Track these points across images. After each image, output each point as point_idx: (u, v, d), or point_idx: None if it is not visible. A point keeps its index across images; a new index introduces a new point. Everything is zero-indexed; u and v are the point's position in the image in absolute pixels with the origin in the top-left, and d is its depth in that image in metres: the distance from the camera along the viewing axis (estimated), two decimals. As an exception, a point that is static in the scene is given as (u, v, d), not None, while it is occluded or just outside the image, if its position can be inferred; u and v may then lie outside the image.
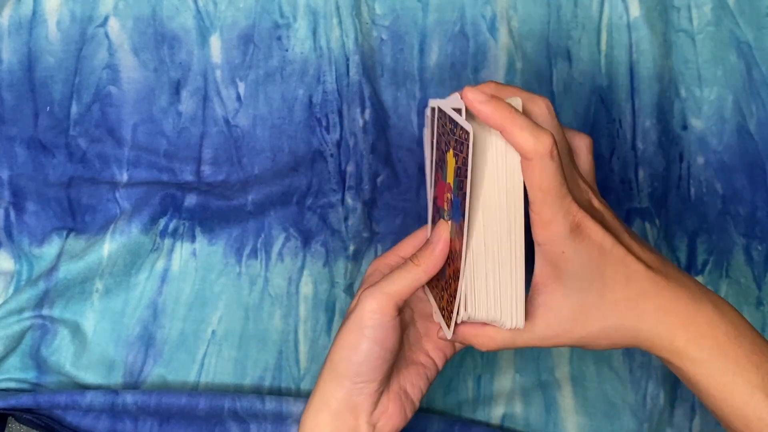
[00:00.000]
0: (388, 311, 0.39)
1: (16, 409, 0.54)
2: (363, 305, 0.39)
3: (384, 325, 0.39)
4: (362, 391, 0.40)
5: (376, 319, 0.39)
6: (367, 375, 0.39)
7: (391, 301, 0.39)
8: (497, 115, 0.37)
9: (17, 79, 0.62)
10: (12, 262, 0.59)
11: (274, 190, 0.59)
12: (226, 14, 0.62)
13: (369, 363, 0.39)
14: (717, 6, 0.62)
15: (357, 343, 0.39)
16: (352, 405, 0.40)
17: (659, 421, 0.55)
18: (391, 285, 0.40)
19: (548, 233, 0.37)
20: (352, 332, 0.39)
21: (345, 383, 0.39)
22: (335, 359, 0.40)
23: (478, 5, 0.62)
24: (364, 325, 0.39)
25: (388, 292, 0.39)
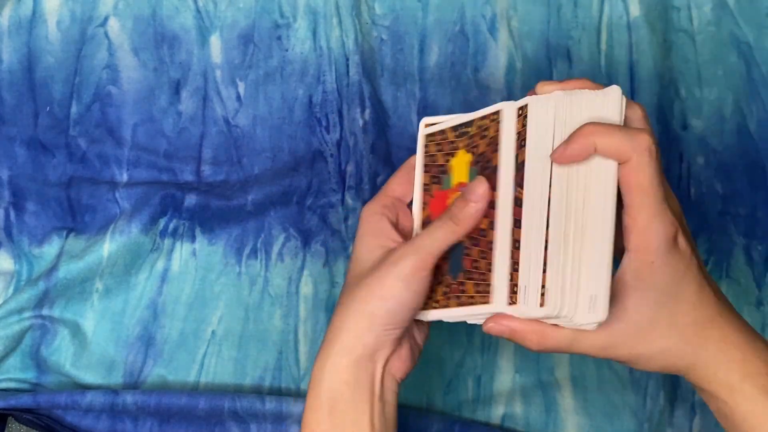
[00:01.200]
0: (428, 267, 0.40)
1: (16, 409, 0.54)
2: (404, 261, 0.40)
3: (425, 279, 0.40)
4: (389, 337, 0.40)
5: (420, 275, 0.40)
6: (399, 323, 0.40)
7: (431, 258, 0.40)
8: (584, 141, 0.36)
9: (17, 79, 0.62)
10: (12, 262, 0.59)
11: (274, 190, 0.59)
12: (226, 14, 0.62)
13: (404, 313, 0.40)
14: (717, 6, 0.62)
15: (399, 295, 0.40)
16: (375, 350, 0.40)
17: (659, 421, 0.55)
18: (431, 242, 0.40)
19: (643, 240, 0.36)
20: (392, 284, 0.40)
21: (377, 329, 0.40)
22: (371, 306, 0.40)
23: (478, 5, 0.62)
24: (407, 280, 0.40)
25: (429, 251, 0.40)
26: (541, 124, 0.39)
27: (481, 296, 0.40)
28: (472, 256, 0.41)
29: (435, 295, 0.43)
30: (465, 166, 0.43)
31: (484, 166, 0.41)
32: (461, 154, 0.43)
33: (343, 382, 0.40)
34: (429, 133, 0.46)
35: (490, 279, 0.40)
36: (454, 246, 0.42)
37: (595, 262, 0.36)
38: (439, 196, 0.44)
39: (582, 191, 0.37)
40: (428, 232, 0.41)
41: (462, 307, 0.41)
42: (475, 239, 0.41)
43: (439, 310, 0.42)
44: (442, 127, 0.45)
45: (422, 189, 0.45)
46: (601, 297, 0.36)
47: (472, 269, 0.41)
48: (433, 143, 0.45)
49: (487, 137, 0.42)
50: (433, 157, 0.45)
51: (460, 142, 0.44)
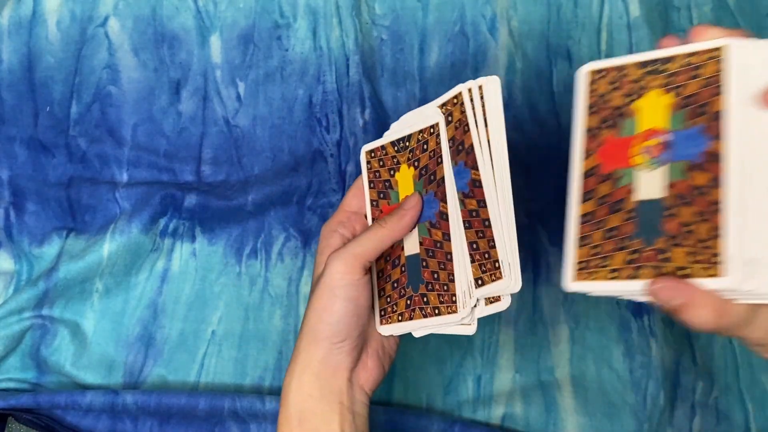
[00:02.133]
0: (356, 271, 0.41)
1: (16, 409, 0.54)
2: (331, 268, 0.41)
3: (354, 284, 0.41)
4: (341, 350, 0.41)
5: (346, 279, 0.40)
6: (344, 333, 0.41)
7: (357, 262, 0.41)
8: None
9: (17, 79, 0.62)
10: (12, 262, 0.59)
11: (274, 190, 0.59)
12: (226, 14, 0.62)
13: (344, 322, 0.41)
14: (717, 6, 0.62)
15: (331, 305, 0.40)
16: (332, 365, 0.41)
17: (659, 421, 0.55)
18: (357, 246, 0.41)
19: None
20: (324, 295, 0.41)
21: (324, 344, 0.41)
22: (311, 323, 0.41)
23: (478, 5, 0.62)
24: (335, 286, 0.40)
25: (354, 252, 0.41)
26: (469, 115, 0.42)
27: (446, 306, 0.41)
28: (430, 268, 0.42)
29: (398, 307, 0.43)
30: (410, 181, 0.44)
31: (429, 179, 0.43)
32: (404, 169, 0.44)
33: (308, 396, 0.41)
34: (369, 149, 0.46)
35: (454, 289, 0.40)
36: (410, 259, 0.43)
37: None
38: (388, 211, 0.45)
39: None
40: (355, 238, 0.42)
41: (428, 318, 0.42)
42: (432, 251, 0.42)
43: (404, 322, 0.43)
44: (383, 142, 0.46)
45: (371, 205, 0.46)
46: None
47: (432, 280, 0.42)
48: (375, 159, 0.46)
49: (428, 150, 0.43)
50: (377, 173, 0.46)
51: (401, 156, 0.45)
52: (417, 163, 0.44)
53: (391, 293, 0.44)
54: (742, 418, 0.55)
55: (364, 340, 0.43)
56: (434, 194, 0.42)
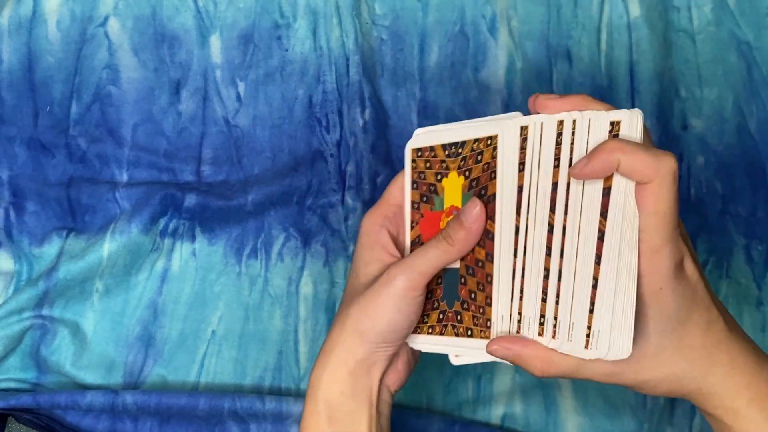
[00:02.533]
0: (420, 288, 0.40)
1: (16, 409, 0.54)
2: (397, 283, 0.39)
3: (415, 300, 0.40)
4: (382, 354, 0.41)
5: (410, 296, 0.40)
6: (391, 342, 0.41)
7: (423, 279, 0.40)
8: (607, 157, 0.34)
9: (17, 79, 0.62)
10: (12, 262, 0.59)
11: (274, 190, 0.59)
12: (226, 14, 0.62)
13: (396, 333, 0.40)
14: (717, 6, 0.62)
15: (388, 315, 0.40)
16: (369, 365, 0.41)
17: (659, 421, 0.55)
18: (422, 263, 0.40)
19: (653, 265, 0.35)
20: (384, 305, 0.40)
21: (368, 346, 0.40)
22: (362, 323, 0.40)
23: (478, 5, 0.62)
24: (399, 301, 0.40)
25: (421, 271, 0.40)
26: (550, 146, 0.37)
27: (480, 330, 0.39)
28: (468, 286, 0.40)
29: (429, 319, 0.42)
30: (458, 190, 0.42)
31: (479, 193, 0.40)
32: (453, 177, 0.42)
33: (340, 392, 0.40)
34: (417, 147, 0.44)
35: (490, 314, 0.39)
36: (449, 273, 0.41)
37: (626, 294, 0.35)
38: (430, 217, 0.43)
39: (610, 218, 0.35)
40: (421, 252, 0.40)
41: (459, 338, 0.40)
42: (472, 269, 0.40)
43: (434, 336, 0.41)
44: (432, 142, 0.43)
45: (411, 207, 0.44)
46: (630, 331, 0.34)
47: (469, 299, 0.40)
48: (422, 159, 0.44)
49: (481, 162, 0.40)
50: (422, 174, 0.44)
51: (452, 162, 0.42)
52: (468, 173, 0.41)
53: (425, 303, 0.42)
54: (742, 418, 0.55)
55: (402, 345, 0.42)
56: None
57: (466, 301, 0.40)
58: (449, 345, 0.41)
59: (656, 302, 0.35)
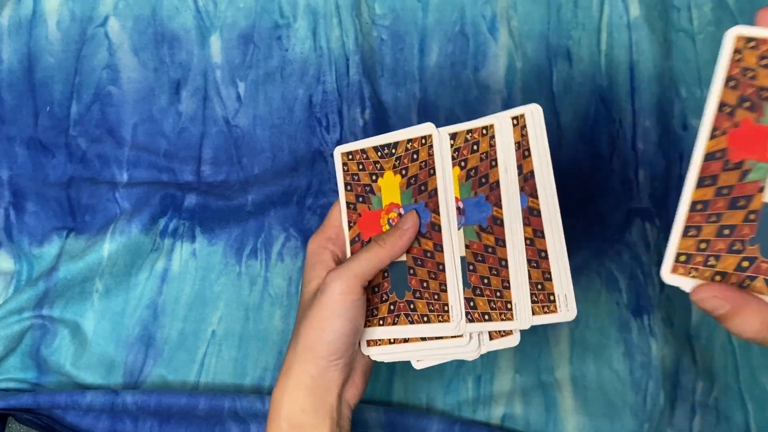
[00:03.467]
0: (356, 291, 0.41)
1: (16, 409, 0.54)
2: (332, 288, 0.41)
3: (354, 304, 0.41)
4: (336, 367, 0.41)
5: (347, 299, 0.41)
6: (341, 352, 0.41)
7: (358, 282, 0.41)
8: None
9: (17, 79, 0.62)
10: (12, 262, 0.59)
11: (274, 190, 0.59)
12: (226, 14, 0.62)
13: (342, 341, 0.41)
14: (717, 6, 0.62)
15: (330, 324, 0.40)
16: (326, 381, 0.41)
17: (659, 421, 0.55)
18: (356, 266, 0.41)
19: None
20: (323, 314, 0.41)
21: (320, 362, 0.41)
22: (309, 340, 0.41)
23: (478, 5, 0.62)
24: (336, 306, 0.40)
25: (355, 273, 0.41)
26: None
27: (437, 315, 0.41)
28: (418, 276, 0.42)
29: (378, 312, 0.43)
30: (396, 188, 0.43)
31: (419, 188, 0.42)
32: (389, 176, 0.44)
33: (301, 410, 0.41)
34: (347, 151, 0.45)
35: (446, 299, 0.40)
36: (395, 266, 0.43)
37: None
38: (369, 216, 0.44)
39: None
40: (354, 257, 0.42)
41: (415, 325, 0.42)
42: (420, 260, 0.42)
43: (386, 327, 0.42)
44: (361, 146, 0.45)
45: (347, 207, 0.45)
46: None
47: (421, 288, 0.41)
48: (353, 162, 0.45)
49: (418, 160, 0.42)
50: (355, 175, 0.45)
51: (386, 163, 0.44)
52: (405, 172, 0.43)
53: (371, 297, 0.43)
54: (742, 418, 0.55)
55: (354, 357, 0.43)
56: (425, 204, 0.42)
57: (417, 290, 0.42)
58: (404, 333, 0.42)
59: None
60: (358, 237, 0.44)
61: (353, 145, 0.45)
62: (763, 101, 0.33)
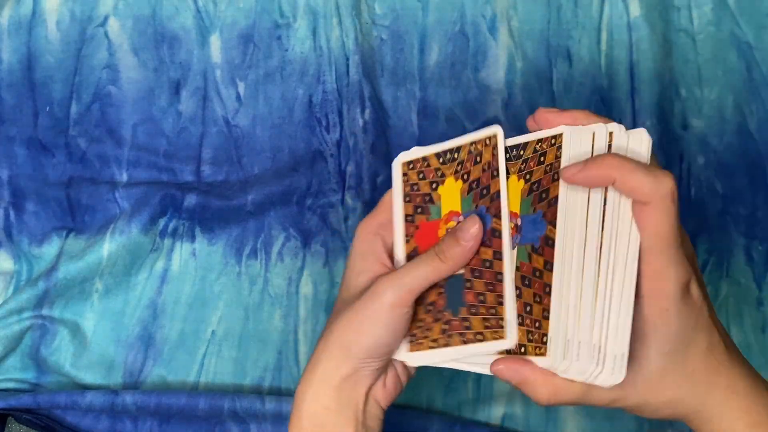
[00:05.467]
0: (408, 304, 0.38)
1: (16, 409, 0.54)
2: (383, 298, 0.38)
3: (403, 317, 0.39)
4: (368, 368, 0.40)
5: (396, 312, 0.38)
6: (377, 357, 0.39)
7: (411, 296, 0.38)
8: (602, 171, 0.34)
9: (17, 79, 0.62)
10: (12, 262, 0.59)
11: (274, 190, 0.59)
12: (226, 14, 0.62)
13: (380, 347, 0.39)
14: (717, 6, 0.62)
15: (373, 331, 0.38)
16: (355, 380, 0.40)
17: (659, 422, 0.55)
18: (412, 279, 0.38)
19: (658, 286, 0.34)
20: (368, 319, 0.39)
21: (353, 362, 0.39)
22: (347, 340, 0.39)
23: (478, 5, 0.62)
24: (384, 316, 0.38)
25: (409, 287, 0.38)
26: (577, 156, 0.36)
27: (492, 332, 0.37)
28: (475, 289, 0.38)
29: (431, 333, 0.39)
30: (456, 195, 0.40)
31: (480, 193, 0.39)
32: (450, 182, 0.41)
33: (325, 407, 0.40)
34: (408, 160, 0.43)
35: (503, 312, 0.37)
36: (452, 280, 0.39)
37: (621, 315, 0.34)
38: (426, 227, 0.41)
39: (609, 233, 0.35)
40: (411, 267, 0.39)
41: (468, 345, 0.38)
42: (478, 270, 0.38)
43: (438, 349, 0.39)
44: (424, 153, 0.42)
45: (404, 220, 0.42)
46: (625, 356, 0.34)
47: (477, 303, 0.38)
48: (414, 171, 0.42)
49: (481, 162, 0.39)
50: (414, 185, 0.42)
51: (447, 169, 0.41)
52: (467, 176, 0.40)
53: (424, 317, 0.40)
54: (742, 418, 0.55)
55: (389, 360, 0.41)
56: (486, 209, 0.39)
57: (473, 305, 0.38)
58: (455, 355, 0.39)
59: (662, 323, 0.35)
60: (415, 251, 0.41)
61: (415, 152, 0.42)
62: (428, 204, 0.41)
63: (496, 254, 0.38)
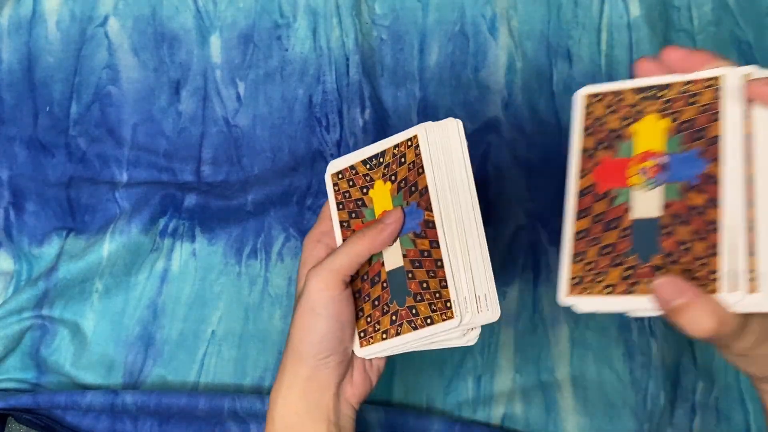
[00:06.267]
0: (336, 286, 0.40)
1: (16, 409, 0.54)
2: (310, 285, 0.40)
3: (334, 299, 0.40)
4: (327, 366, 0.40)
5: (326, 295, 0.39)
6: (328, 350, 0.40)
7: (337, 277, 0.40)
8: None
9: (17, 79, 0.62)
10: (12, 262, 0.59)
11: (274, 190, 0.59)
12: (226, 14, 0.62)
13: (327, 339, 0.40)
14: (717, 6, 0.62)
15: (313, 323, 0.40)
16: (318, 381, 0.40)
17: (659, 421, 0.55)
18: (335, 261, 0.40)
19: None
20: (305, 313, 0.40)
21: (309, 362, 0.40)
22: (295, 342, 0.40)
23: (478, 5, 0.62)
24: (316, 304, 0.40)
25: (333, 268, 0.40)
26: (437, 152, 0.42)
27: (440, 314, 0.39)
28: (417, 278, 0.41)
29: (380, 326, 0.41)
30: (387, 195, 0.43)
31: (409, 190, 0.42)
32: (379, 185, 0.43)
33: (294, 412, 0.40)
34: (336, 171, 0.45)
35: (448, 295, 0.39)
36: (393, 273, 0.41)
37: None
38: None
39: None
40: (333, 252, 0.41)
41: (418, 330, 0.40)
42: (418, 261, 0.41)
43: (390, 339, 0.41)
44: (351, 162, 0.44)
45: (341, 227, 0.44)
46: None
47: (422, 290, 0.40)
48: (344, 180, 0.44)
49: (406, 162, 0.42)
50: (346, 193, 0.44)
51: (375, 173, 0.43)
52: (394, 177, 0.42)
53: (372, 312, 0.42)
54: (742, 418, 0.55)
55: (350, 354, 0.42)
56: (417, 204, 0.41)
57: (418, 293, 0.40)
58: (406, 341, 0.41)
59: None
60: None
61: (342, 161, 0.44)
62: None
63: (433, 243, 0.40)
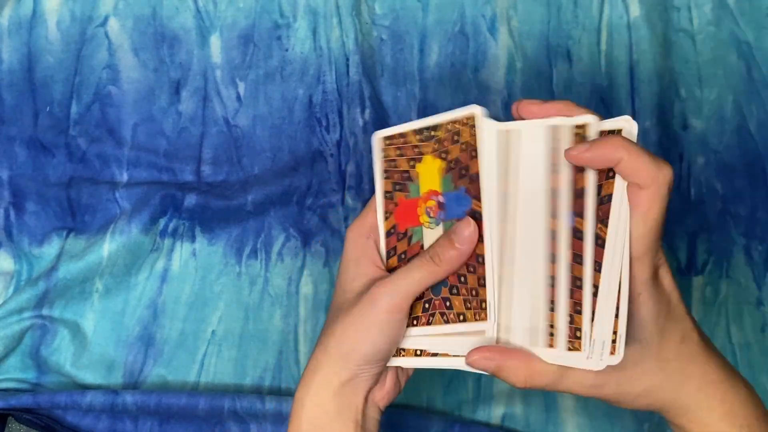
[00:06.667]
0: (404, 309, 0.38)
1: (16, 409, 0.54)
2: (380, 305, 0.38)
3: (399, 323, 0.39)
4: (367, 374, 0.40)
5: (394, 318, 0.38)
6: (375, 362, 0.40)
7: (407, 301, 0.38)
8: (610, 150, 0.35)
9: (17, 79, 0.62)
10: (12, 262, 0.59)
11: (274, 190, 0.59)
12: (226, 14, 0.62)
13: (378, 354, 0.39)
14: (717, 6, 0.62)
15: (371, 338, 0.39)
16: (354, 385, 0.40)
17: (659, 421, 0.55)
18: (408, 284, 0.38)
19: (634, 271, 0.35)
20: (366, 327, 0.39)
21: (352, 368, 0.39)
22: (346, 347, 0.39)
23: (478, 5, 0.62)
24: (382, 323, 0.38)
25: (405, 293, 0.38)
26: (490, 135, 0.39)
27: (474, 312, 0.38)
28: (457, 271, 0.39)
29: (413, 311, 0.40)
30: (436, 173, 0.41)
31: (460, 173, 0.39)
32: (428, 160, 0.41)
33: (325, 412, 0.40)
34: (387, 135, 0.42)
35: (484, 294, 0.38)
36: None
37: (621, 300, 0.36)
38: (406, 205, 0.41)
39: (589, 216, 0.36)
40: (406, 272, 0.39)
41: (450, 324, 0.39)
42: None
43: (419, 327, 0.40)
44: (402, 129, 0.42)
45: (384, 197, 0.42)
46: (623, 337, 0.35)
47: (459, 283, 0.39)
48: (392, 147, 0.42)
49: (459, 142, 0.40)
50: (393, 162, 0.42)
51: (426, 146, 0.41)
52: (445, 155, 0.40)
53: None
54: (742, 418, 0.55)
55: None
56: (465, 190, 0.39)
57: (454, 285, 0.39)
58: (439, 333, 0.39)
59: (637, 308, 0.36)
60: (393, 229, 0.41)
61: (393, 129, 0.42)
62: (407, 181, 0.41)
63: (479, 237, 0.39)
